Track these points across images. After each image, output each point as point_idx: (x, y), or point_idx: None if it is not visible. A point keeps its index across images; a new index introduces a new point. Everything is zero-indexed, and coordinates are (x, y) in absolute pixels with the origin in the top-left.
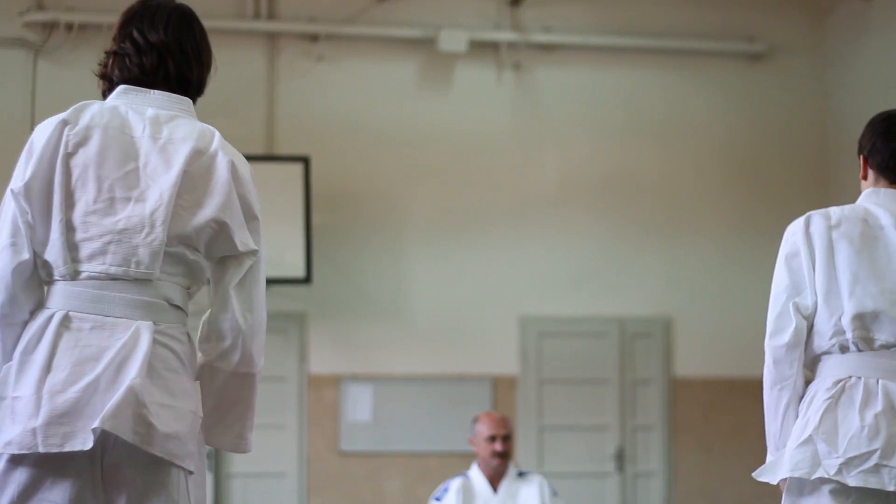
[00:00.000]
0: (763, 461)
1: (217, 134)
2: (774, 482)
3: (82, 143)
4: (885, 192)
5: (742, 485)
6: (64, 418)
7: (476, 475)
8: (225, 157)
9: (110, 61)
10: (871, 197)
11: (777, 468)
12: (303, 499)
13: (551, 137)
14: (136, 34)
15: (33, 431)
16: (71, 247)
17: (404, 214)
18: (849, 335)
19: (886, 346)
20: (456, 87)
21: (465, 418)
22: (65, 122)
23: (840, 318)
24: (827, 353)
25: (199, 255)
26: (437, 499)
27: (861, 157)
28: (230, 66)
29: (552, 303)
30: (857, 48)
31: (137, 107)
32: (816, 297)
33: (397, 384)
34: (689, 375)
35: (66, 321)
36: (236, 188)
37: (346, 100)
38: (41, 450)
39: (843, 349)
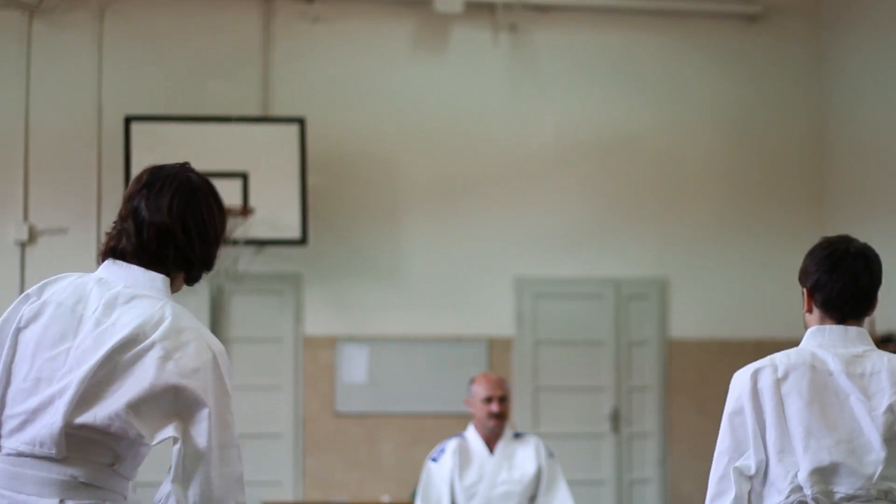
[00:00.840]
0: None
1: (168, 322)
2: None
3: (34, 318)
4: (831, 330)
5: None
6: None
7: (472, 436)
8: (158, 351)
9: (114, 234)
10: (817, 337)
11: None
12: (298, 459)
13: (547, 99)
14: (140, 211)
15: None
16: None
17: (400, 175)
18: (807, 491)
19: (847, 499)
20: (452, 48)
21: (460, 379)
22: (27, 297)
23: (796, 475)
24: None
25: (111, 437)
26: (434, 460)
27: (804, 289)
28: (226, 27)
29: (548, 264)
30: (853, 10)
31: (111, 281)
32: (765, 455)
33: (393, 345)
34: (684, 337)
35: None
36: (171, 380)
37: (341, 61)
38: None
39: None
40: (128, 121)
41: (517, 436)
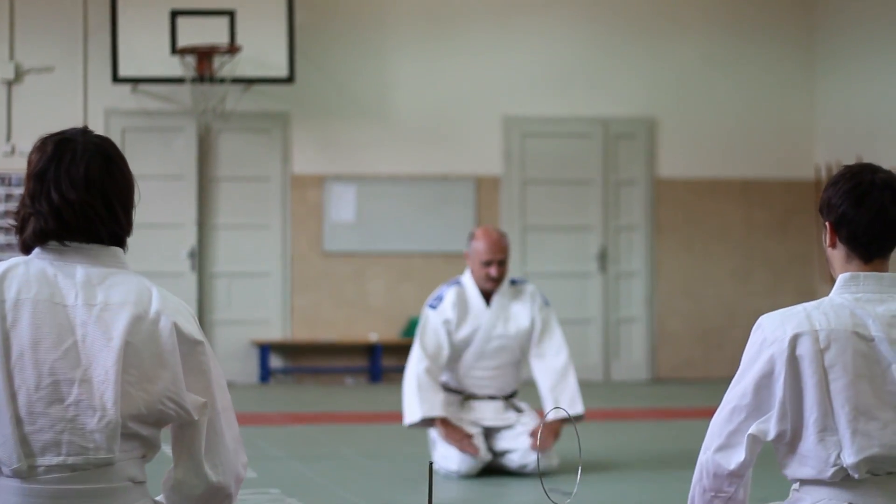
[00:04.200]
0: (746, 261)
1: (155, 291)
2: None
3: (14, 324)
4: (865, 278)
5: (723, 285)
6: None
7: (469, 285)
8: (166, 321)
9: (26, 219)
10: (851, 287)
11: None
12: (286, 298)
13: None
14: (53, 193)
15: None
16: (22, 441)
17: (388, 12)
18: (855, 475)
19: (890, 473)
20: None
21: (448, 218)
22: None
23: (839, 455)
24: (819, 480)
25: (152, 429)
26: (432, 307)
27: (826, 223)
28: None
29: (536, 103)
30: None
31: (66, 266)
32: (791, 427)
33: (381, 184)
34: (672, 176)
35: None
36: (182, 348)
37: None
38: None
39: (843, 480)
40: None
41: (514, 283)
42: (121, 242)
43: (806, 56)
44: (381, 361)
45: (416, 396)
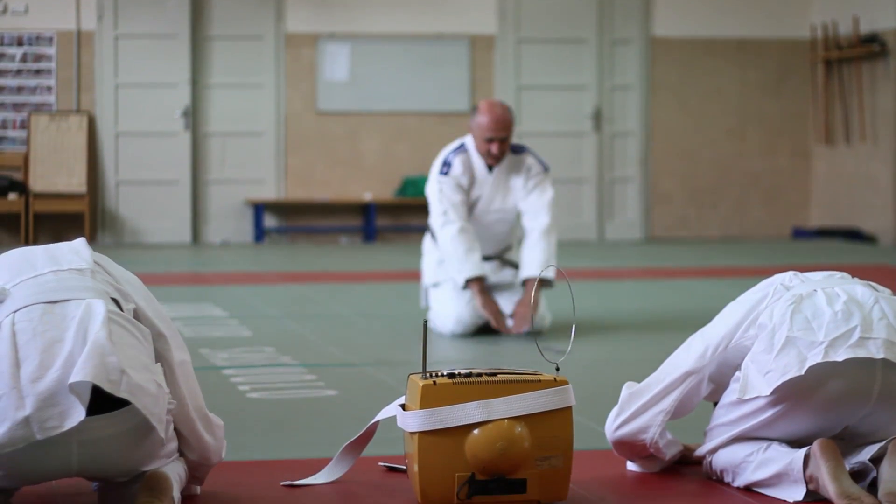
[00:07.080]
0: (740, 121)
1: None
2: (767, 392)
3: None
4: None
5: (718, 144)
6: (54, 399)
7: (473, 152)
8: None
9: None
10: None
11: (765, 380)
12: (280, 157)
13: None
14: None
15: (26, 421)
16: None
17: None
18: (785, 278)
19: (827, 275)
20: None
21: (442, 78)
22: None
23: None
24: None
25: None
26: (444, 174)
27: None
28: None
29: None
30: None
31: None
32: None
33: (375, 43)
34: (667, 35)
35: (13, 321)
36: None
37: None
38: (39, 437)
39: (785, 288)
40: None
41: (514, 151)
42: None
43: None
44: (375, 221)
45: (460, 258)
